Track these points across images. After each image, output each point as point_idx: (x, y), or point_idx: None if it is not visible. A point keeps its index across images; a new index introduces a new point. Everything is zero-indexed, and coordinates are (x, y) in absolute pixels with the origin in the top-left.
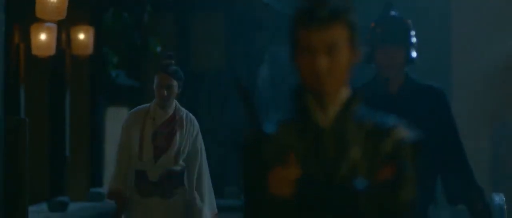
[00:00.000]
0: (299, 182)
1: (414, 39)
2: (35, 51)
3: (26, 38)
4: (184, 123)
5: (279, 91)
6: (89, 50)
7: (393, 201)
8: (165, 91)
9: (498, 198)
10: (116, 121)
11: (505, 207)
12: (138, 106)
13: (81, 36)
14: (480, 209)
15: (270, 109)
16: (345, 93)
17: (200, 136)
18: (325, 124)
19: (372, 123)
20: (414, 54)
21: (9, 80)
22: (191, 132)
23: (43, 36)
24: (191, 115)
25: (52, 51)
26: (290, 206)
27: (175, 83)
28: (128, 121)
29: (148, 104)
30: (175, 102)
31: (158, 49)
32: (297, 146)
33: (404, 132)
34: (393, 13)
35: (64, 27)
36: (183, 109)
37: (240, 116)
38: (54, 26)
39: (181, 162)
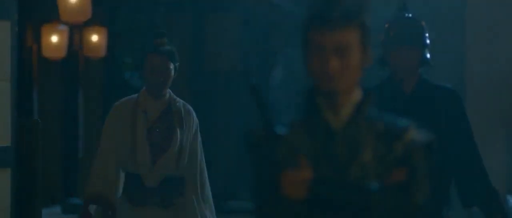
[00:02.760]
0: (311, 184)
1: (428, 41)
2: (46, 53)
3: (39, 39)
4: (183, 115)
5: (292, 93)
6: (102, 51)
7: (406, 203)
8: (160, 76)
9: None
10: None
11: None
12: (123, 98)
13: (94, 37)
14: (495, 211)
15: (283, 110)
16: (357, 95)
17: (199, 133)
18: (337, 126)
19: (384, 125)
20: (428, 55)
21: (22, 82)
22: (190, 126)
23: (54, 38)
24: (188, 105)
25: (63, 53)
26: (301, 208)
27: (171, 66)
28: (113, 116)
29: (135, 95)
30: (169, 91)
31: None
32: (309, 147)
33: (416, 134)
34: (407, 14)
35: (77, 29)
36: (178, 98)
37: (254, 117)
38: (65, 28)
39: (183, 164)
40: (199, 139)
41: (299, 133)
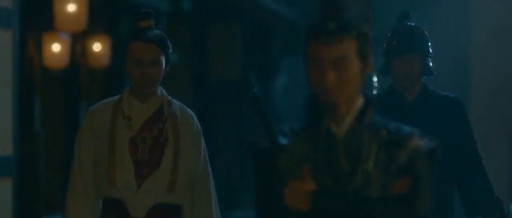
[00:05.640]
0: (313, 195)
1: (430, 49)
2: (47, 62)
3: (41, 48)
4: (179, 121)
5: (293, 101)
6: (104, 61)
7: (409, 213)
8: (147, 71)
9: None
10: None
11: None
12: (102, 101)
13: (96, 47)
14: None
15: (284, 119)
16: (359, 103)
17: (203, 142)
18: (339, 135)
19: (387, 133)
20: (430, 64)
21: (24, 91)
22: (190, 135)
23: (56, 47)
24: (187, 108)
25: (65, 62)
26: None
27: (161, 56)
28: (87, 124)
29: (116, 97)
30: (160, 90)
31: (175, 59)
32: (311, 157)
33: (419, 141)
34: (409, 22)
35: (79, 38)
36: (174, 100)
37: (256, 126)
38: (67, 37)
39: (179, 187)
40: (204, 151)
41: (301, 142)
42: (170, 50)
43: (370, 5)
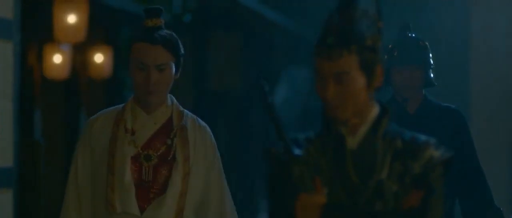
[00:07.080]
0: (323, 207)
1: (431, 61)
2: (48, 72)
3: (42, 59)
4: (190, 137)
5: (293, 111)
6: (104, 71)
7: None
8: (152, 76)
9: None
10: None
11: None
12: (104, 110)
13: (96, 57)
14: None
15: (285, 130)
16: (372, 113)
17: (219, 160)
18: (353, 146)
19: (402, 142)
20: (431, 75)
21: (24, 102)
22: (204, 152)
23: (56, 58)
24: (200, 120)
25: (66, 73)
26: None
27: (170, 61)
28: (86, 137)
29: (120, 106)
30: (170, 99)
31: None
32: (324, 167)
33: (435, 151)
34: (410, 34)
35: (79, 49)
36: (186, 111)
37: (257, 136)
38: (68, 48)
39: (188, 211)
40: (221, 169)
41: (315, 152)
42: (182, 54)
43: (379, 18)
